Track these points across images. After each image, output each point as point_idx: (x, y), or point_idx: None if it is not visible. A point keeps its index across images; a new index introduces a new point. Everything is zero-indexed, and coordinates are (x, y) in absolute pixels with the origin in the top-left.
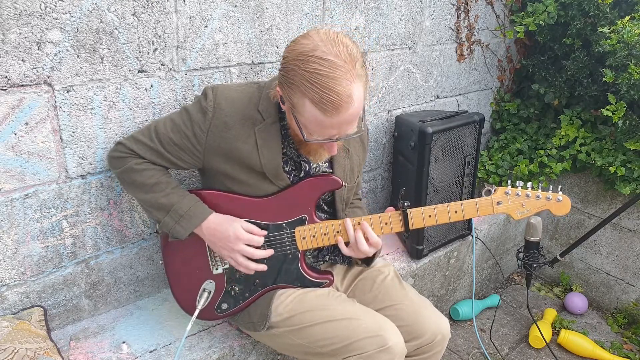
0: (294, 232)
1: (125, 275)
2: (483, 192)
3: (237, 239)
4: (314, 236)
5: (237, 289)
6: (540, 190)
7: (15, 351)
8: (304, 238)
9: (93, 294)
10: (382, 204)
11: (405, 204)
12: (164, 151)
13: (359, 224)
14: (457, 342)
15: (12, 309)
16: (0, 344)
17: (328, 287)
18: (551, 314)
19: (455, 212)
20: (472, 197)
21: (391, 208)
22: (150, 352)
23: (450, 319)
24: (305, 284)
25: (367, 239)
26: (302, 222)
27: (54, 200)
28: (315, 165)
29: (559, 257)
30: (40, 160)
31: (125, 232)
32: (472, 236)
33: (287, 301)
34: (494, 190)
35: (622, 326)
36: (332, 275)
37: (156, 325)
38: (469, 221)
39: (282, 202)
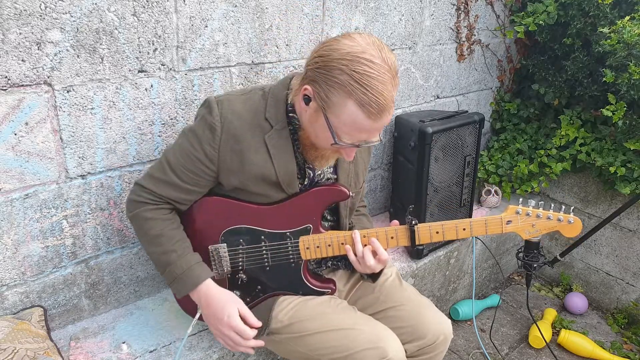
0: (297, 242)
1: (125, 275)
2: (483, 192)
3: (229, 326)
4: (318, 247)
5: (239, 294)
6: (551, 211)
7: (15, 351)
8: (307, 248)
9: (93, 294)
10: (382, 203)
11: (414, 221)
12: (180, 182)
13: (364, 236)
14: (457, 342)
15: (12, 309)
16: (0, 344)
17: (330, 295)
18: (551, 314)
19: (464, 229)
20: (472, 197)
21: (395, 222)
22: (150, 352)
23: (450, 319)
24: (307, 292)
25: (374, 253)
26: (306, 231)
27: (54, 200)
28: (319, 172)
29: (559, 257)
30: (40, 160)
31: (125, 232)
32: (472, 236)
33: (287, 308)
34: (505, 209)
35: (622, 326)
36: (335, 284)
37: (156, 325)
38: None
39: (287, 211)
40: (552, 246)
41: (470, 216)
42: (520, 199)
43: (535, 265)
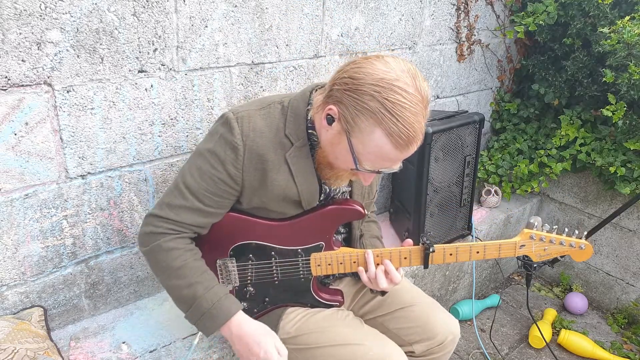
0: (309, 259)
1: (125, 275)
2: (483, 192)
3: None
4: (329, 264)
5: (246, 305)
6: (564, 236)
7: (15, 351)
8: (319, 265)
9: (93, 294)
10: (381, 203)
11: (431, 248)
12: (203, 206)
13: (377, 255)
14: (457, 342)
15: (12, 309)
16: (0, 344)
17: (338, 307)
18: (551, 314)
19: (477, 252)
20: (472, 197)
21: (409, 241)
22: (150, 352)
23: None
24: (315, 305)
25: (386, 273)
26: (318, 249)
27: (54, 200)
28: (335, 188)
29: (559, 257)
30: (40, 160)
31: (125, 232)
32: (472, 236)
33: (295, 320)
34: (520, 232)
35: (622, 326)
36: (342, 296)
37: (156, 325)
38: (469, 221)
39: (300, 227)
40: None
41: (470, 215)
42: (536, 223)
43: (535, 265)
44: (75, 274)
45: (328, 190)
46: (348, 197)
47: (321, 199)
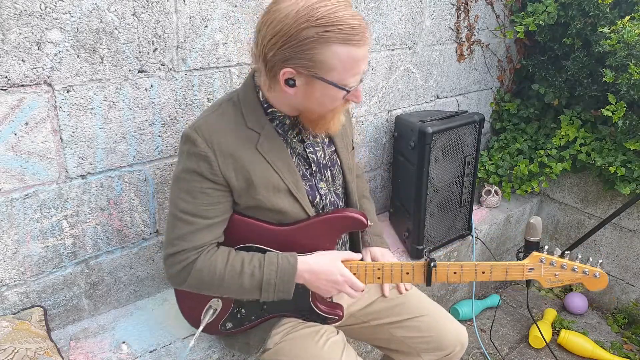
0: None
1: (125, 275)
2: (483, 192)
3: (347, 283)
4: None
5: (244, 311)
6: (577, 263)
7: (15, 351)
8: None
9: (93, 294)
10: (382, 203)
11: (432, 263)
12: (210, 220)
13: (378, 269)
14: None
15: (12, 309)
16: (0, 344)
17: (337, 322)
18: (551, 314)
19: (483, 272)
20: (472, 197)
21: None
22: (150, 352)
23: None
24: (313, 317)
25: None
26: None
27: (54, 200)
28: (320, 152)
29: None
30: (40, 160)
31: (125, 232)
32: (472, 236)
33: (283, 332)
34: (529, 255)
35: (622, 326)
36: (342, 310)
37: (156, 325)
38: (469, 221)
39: (301, 234)
40: (552, 246)
41: (470, 216)
42: (546, 246)
43: None
44: (75, 274)
45: (316, 160)
46: (338, 160)
47: (313, 170)
